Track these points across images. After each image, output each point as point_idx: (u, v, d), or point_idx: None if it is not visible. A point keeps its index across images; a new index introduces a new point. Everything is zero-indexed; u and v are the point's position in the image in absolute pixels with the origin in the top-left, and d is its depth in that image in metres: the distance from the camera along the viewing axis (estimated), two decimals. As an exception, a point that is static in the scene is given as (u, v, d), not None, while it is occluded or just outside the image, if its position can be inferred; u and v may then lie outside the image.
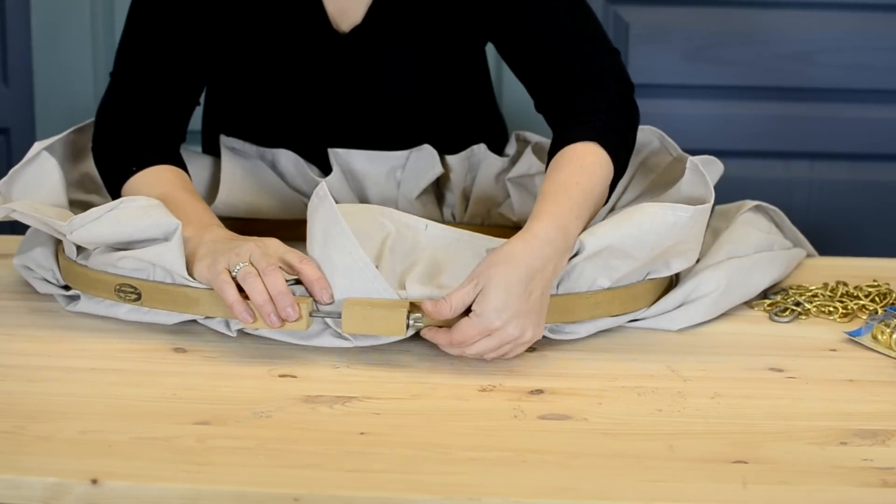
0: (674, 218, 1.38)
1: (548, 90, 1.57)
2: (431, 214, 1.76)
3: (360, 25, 1.63)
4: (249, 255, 1.37)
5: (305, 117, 1.71)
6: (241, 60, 1.66)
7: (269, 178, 1.74)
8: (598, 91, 1.52)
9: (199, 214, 1.48)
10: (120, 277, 1.44)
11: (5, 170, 1.73)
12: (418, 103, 1.72)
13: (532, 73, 1.59)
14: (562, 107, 1.53)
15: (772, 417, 1.26)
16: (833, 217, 2.53)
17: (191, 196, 1.51)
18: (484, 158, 1.76)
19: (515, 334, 1.32)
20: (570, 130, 1.48)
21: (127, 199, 1.45)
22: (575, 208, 1.38)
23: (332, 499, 1.10)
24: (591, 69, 1.54)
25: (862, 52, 2.47)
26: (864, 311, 1.55)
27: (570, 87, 1.54)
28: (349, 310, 1.35)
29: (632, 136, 1.52)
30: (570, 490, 1.11)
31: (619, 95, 1.52)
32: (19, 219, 1.49)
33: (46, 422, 1.22)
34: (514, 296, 1.31)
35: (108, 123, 1.59)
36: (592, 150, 1.45)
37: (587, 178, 1.42)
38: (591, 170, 1.43)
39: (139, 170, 1.54)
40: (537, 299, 1.33)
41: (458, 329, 1.32)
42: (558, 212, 1.37)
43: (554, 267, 1.35)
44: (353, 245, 1.35)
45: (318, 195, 1.37)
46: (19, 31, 2.49)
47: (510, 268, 1.32)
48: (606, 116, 1.48)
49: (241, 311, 1.35)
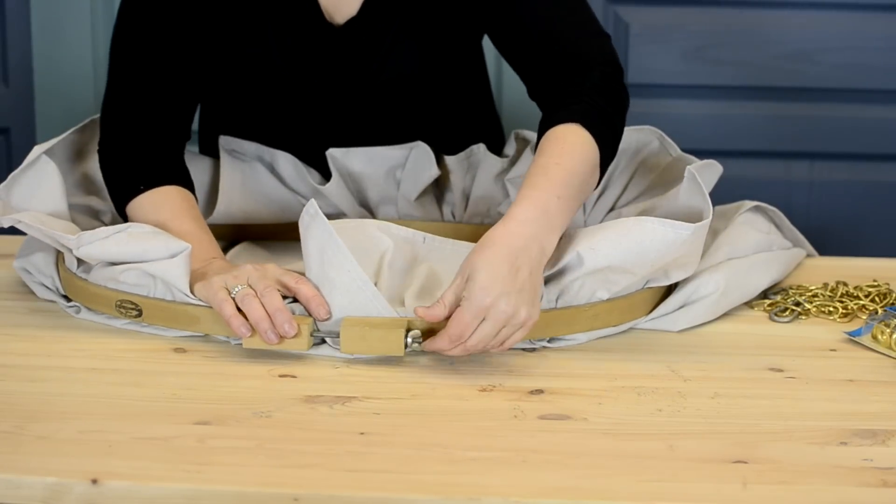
0: (674, 236, 1.38)
1: (536, 75, 1.56)
2: (431, 215, 1.76)
3: (355, 18, 1.63)
4: (247, 278, 1.39)
5: (302, 112, 1.71)
6: (237, 57, 1.66)
7: (268, 182, 1.73)
8: (582, 74, 1.51)
9: (205, 247, 1.50)
10: (121, 293, 1.44)
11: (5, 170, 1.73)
12: (414, 96, 1.72)
13: (522, 58, 1.58)
14: (550, 92, 1.53)
15: (772, 417, 1.26)
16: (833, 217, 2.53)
17: (195, 225, 1.53)
18: (483, 159, 1.76)
19: (509, 311, 1.31)
20: (553, 114, 1.47)
21: (135, 224, 1.48)
22: (556, 188, 1.38)
23: (332, 499, 1.10)
24: (578, 52, 1.54)
25: (862, 52, 2.47)
26: (864, 311, 1.55)
27: (557, 72, 1.53)
28: (347, 330, 1.35)
29: (619, 118, 1.51)
30: (570, 490, 1.11)
31: (604, 77, 1.51)
32: (25, 230, 1.50)
33: (46, 422, 1.22)
34: (500, 274, 1.31)
35: (114, 129, 1.60)
36: (574, 130, 1.44)
37: (568, 158, 1.41)
38: (573, 149, 1.43)
39: (147, 188, 1.55)
40: (526, 277, 1.33)
41: (453, 321, 1.32)
42: (537, 194, 1.37)
43: (540, 246, 1.35)
44: (350, 263, 1.36)
45: (308, 213, 1.37)
46: (19, 31, 2.49)
47: (492, 249, 1.32)
48: (590, 98, 1.48)
49: (238, 325, 1.35)
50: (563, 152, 1.42)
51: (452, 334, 1.32)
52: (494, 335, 1.32)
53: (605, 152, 1.46)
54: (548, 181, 1.39)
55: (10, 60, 2.50)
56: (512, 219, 1.35)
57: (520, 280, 1.32)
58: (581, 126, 1.44)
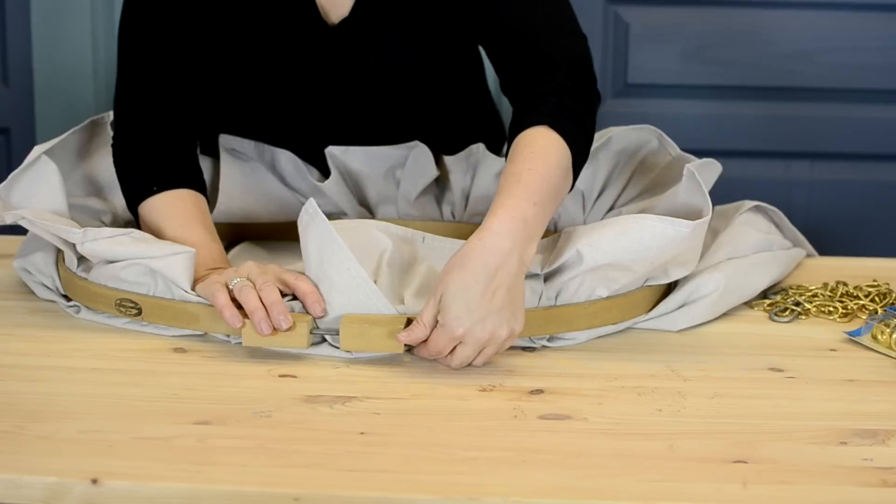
0: (674, 233, 1.38)
1: (509, 72, 1.55)
2: (431, 215, 1.76)
3: (347, 18, 1.63)
4: (248, 273, 1.40)
5: (299, 111, 1.71)
6: (234, 55, 1.66)
7: (268, 181, 1.73)
8: (550, 73, 1.49)
9: (214, 256, 1.50)
10: (120, 292, 1.44)
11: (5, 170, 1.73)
12: (409, 95, 1.72)
13: (497, 54, 1.57)
14: (519, 90, 1.52)
15: (772, 417, 1.26)
16: (833, 217, 2.53)
17: (205, 233, 1.53)
18: (483, 158, 1.76)
19: (484, 337, 1.31)
20: (521, 116, 1.46)
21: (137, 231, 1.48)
22: (532, 195, 1.36)
23: (332, 499, 1.10)
24: (546, 51, 1.52)
25: (862, 52, 2.47)
26: (864, 311, 1.55)
27: (527, 71, 1.52)
28: (347, 327, 1.35)
29: (588, 117, 1.49)
30: (570, 490, 1.11)
31: (572, 76, 1.49)
32: (27, 226, 1.50)
33: (46, 421, 1.22)
34: (474, 300, 1.30)
35: (127, 127, 1.60)
36: (542, 133, 1.43)
37: (540, 162, 1.40)
38: (544, 153, 1.41)
39: (160, 190, 1.56)
40: (503, 296, 1.32)
41: (430, 342, 1.33)
42: (512, 203, 1.35)
43: (518, 258, 1.33)
44: (350, 261, 1.36)
45: (307, 212, 1.37)
46: (19, 31, 2.49)
47: (465, 272, 1.31)
48: (556, 99, 1.46)
49: (231, 316, 1.36)
50: (534, 157, 1.40)
51: (430, 353, 1.33)
52: (475, 355, 1.33)
53: (577, 152, 1.44)
54: (523, 188, 1.37)
55: (10, 60, 2.50)
56: (488, 231, 1.33)
57: (497, 301, 1.31)
58: (550, 128, 1.43)
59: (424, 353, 1.35)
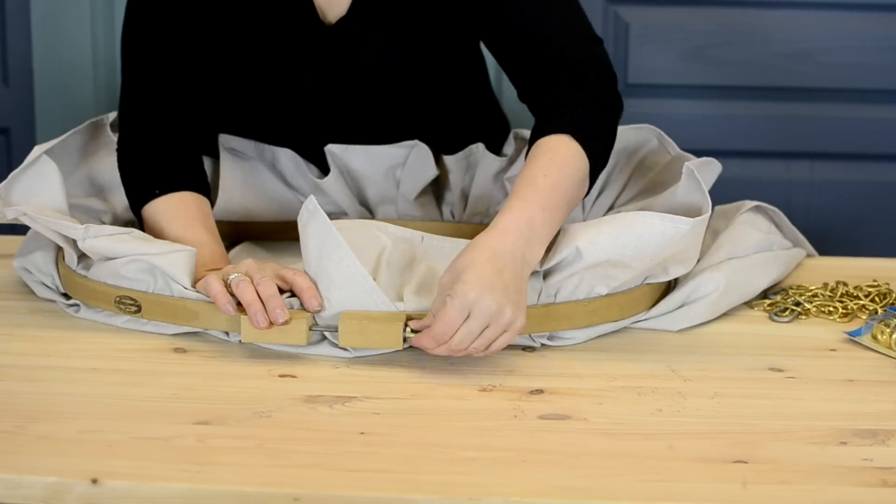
0: (673, 230, 1.38)
1: (528, 79, 1.56)
2: (430, 214, 1.76)
3: (345, 17, 1.63)
4: (246, 268, 1.41)
5: (298, 110, 1.72)
6: (233, 55, 1.66)
7: (268, 180, 1.73)
8: (578, 81, 1.50)
9: (216, 258, 1.51)
10: (120, 289, 1.44)
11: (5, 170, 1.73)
12: (408, 94, 1.72)
13: (513, 61, 1.58)
14: (542, 97, 1.53)
15: (772, 417, 1.26)
16: (833, 217, 2.52)
17: (208, 235, 1.54)
18: (482, 158, 1.76)
19: (493, 307, 1.31)
20: (546, 123, 1.47)
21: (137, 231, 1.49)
22: (542, 200, 1.38)
23: (332, 499, 1.10)
24: (572, 57, 1.53)
25: (862, 52, 2.47)
26: (864, 311, 1.55)
27: (549, 77, 1.53)
28: (346, 323, 1.35)
29: (611, 128, 1.51)
30: (570, 490, 1.11)
31: (599, 86, 1.51)
32: (28, 223, 1.50)
33: (46, 422, 1.22)
34: (485, 272, 1.31)
35: (132, 129, 1.61)
36: (565, 142, 1.44)
37: (556, 171, 1.41)
38: (563, 162, 1.42)
39: (163, 193, 1.56)
40: (511, 278, 1.32)
41: (437, 319, 1.32)
42: (521, 205, 1.37)
43: (523, 253, 1.35)
44: (349, 257, 1.36)
45: (307, 209, 1.37)
46: (19, 31, 2.49)
47: (475, 252, 1.33)
48: (584, 108, 1.47)
49: (225, 303, 1.37)
50: (552, 165, 1.42)
51: (437, 332, 1.32)
52: (479, 333, 1.32)
53: (595, 164, 1.46)
54: (535, 193, 1.39)
55: (10, 60, 2.50)
56: (496, 228, 1.36)
57: (504, 279, 1.32)
58: (572, 138, 1.44)
59: (429, 338, 1.33)
